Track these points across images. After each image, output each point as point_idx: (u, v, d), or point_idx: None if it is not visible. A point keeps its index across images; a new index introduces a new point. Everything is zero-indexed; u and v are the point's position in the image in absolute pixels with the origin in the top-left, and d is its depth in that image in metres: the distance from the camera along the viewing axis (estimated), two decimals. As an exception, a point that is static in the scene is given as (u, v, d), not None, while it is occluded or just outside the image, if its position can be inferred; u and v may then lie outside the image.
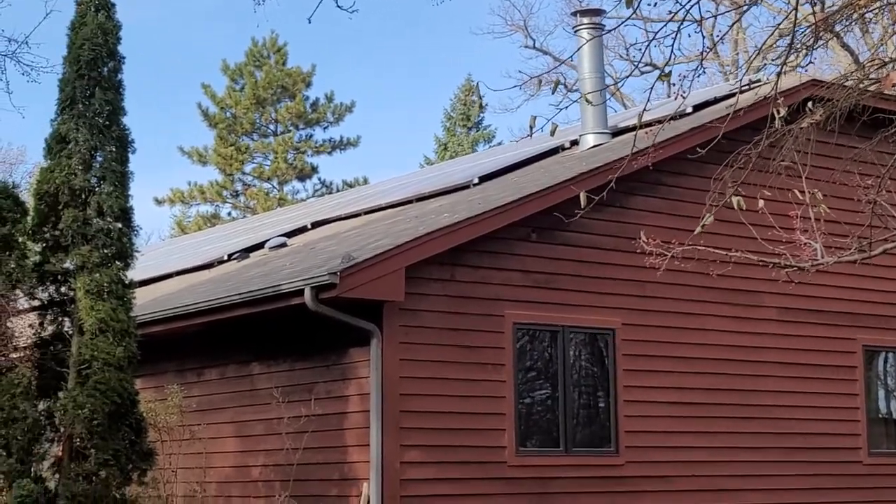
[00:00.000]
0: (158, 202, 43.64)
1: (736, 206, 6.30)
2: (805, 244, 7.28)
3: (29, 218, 10.57)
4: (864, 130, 10.30)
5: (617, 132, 15.54)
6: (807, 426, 13.93)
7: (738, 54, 35.04)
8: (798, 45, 6.34)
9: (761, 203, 6.84)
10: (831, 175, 9.17)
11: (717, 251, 7.97)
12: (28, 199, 11.11)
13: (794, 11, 5.64)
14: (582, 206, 6.56)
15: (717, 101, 14.93)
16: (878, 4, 6.78)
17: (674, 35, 5.71)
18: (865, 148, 8.08)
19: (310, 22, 7.56)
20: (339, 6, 8.20)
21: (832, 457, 14.08)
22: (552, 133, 6.00)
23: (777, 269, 7.51)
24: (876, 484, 14.33)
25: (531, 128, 5.88)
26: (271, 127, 43.58)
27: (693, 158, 9.89)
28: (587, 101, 10.29)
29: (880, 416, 14.78)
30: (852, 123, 9.14)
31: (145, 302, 13.68)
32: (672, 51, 5.61)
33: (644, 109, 6.29)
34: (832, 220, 7.64)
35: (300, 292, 11.11)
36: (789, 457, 13.76)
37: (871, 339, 14.59)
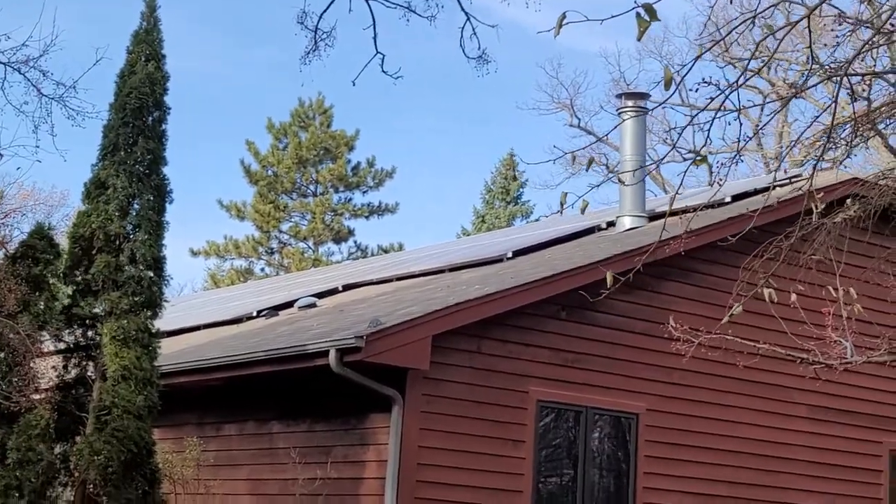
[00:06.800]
0: (194, 253, 43.90)
1: (767, 299, 6.25)
2: (835, 342, 7.20)
3: (62, 260, 10.62)
4: (898, 230, 10.24)
5: (654, 216, 15.50)
6: (828, 527, 13.68)
7: (782, 147, 35.05)
8: (837, 140, 6.32)
9: (794, 297, 6.78)
10: (864, 273, 9.09)
11: (745, 342, 7.88)
12: (63, 241, 11.17)
13: (833, 104, 5.63)
14: (608, 286, 6.54)
15: (756, 192, 14.88)
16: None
17: (710, 121, 5.71)
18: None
19: (354, 84, 7.64)
20: (384, 71, 8.26)
21: (852, 561, 13.80)
22: (582, 211, 6.01)
23: (805, 365, 7.42)
24: (895, 592, 14.02)
25: (562, 204, 5.90)
26: (311, 187, 43.84)
27: (727, 248, 9.89)
28: (620, 181, 10.28)
29: (904, 522, 14.49)
30: (886, 222, 9.07)
31: (171, 352, 13.67)
32: (707, 136, 5.61)
33: (676, 193, 6.27)
34: (863, 320, 7.56)
35: (325, 353, 11.07)
36: (808, 557, 13.50)
37: (900, 444, 14.35)
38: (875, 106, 7.12)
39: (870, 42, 6.21)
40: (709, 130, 5.58)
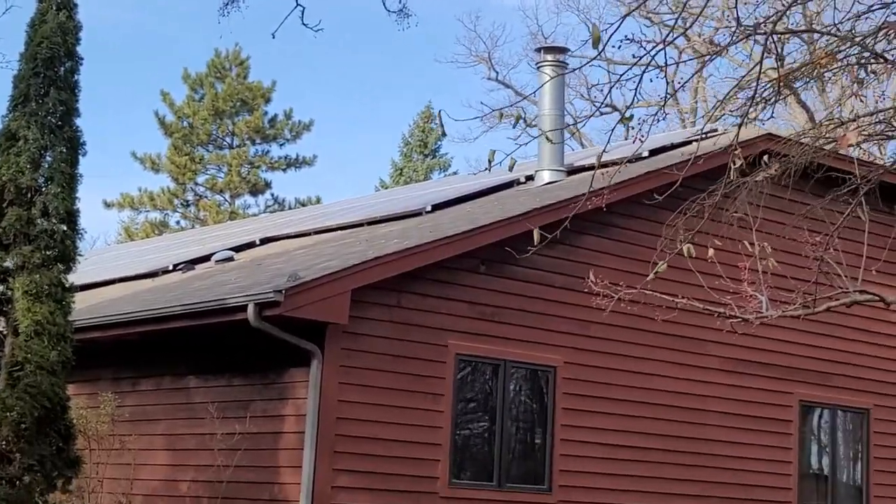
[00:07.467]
0: (107, 206, 43.21)
1: (686, 255, 6.31)
2: (751, 296, 7.31)
3: (-30, 213, 10.38)
4: (816, 188, 10.40)
5: (572, 170, 15.57)
6: (740, 477, 13.96)
7: (696, 102, 35.36)
8: (759, 99, 6.38)
9: (711, 252, 6.86)
10: (781, 229, 9.26)
11: (663, 297, 7.97)
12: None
13: (758, 65, 5.67)
14: (535, 243, 6.53)
15: (673, 147, 15.01)
16: (838, 65, 6.85)
17: (637, 79, 5.72)
18: (817, 206, 8.16)
19: (273, 37, 7.50)
20: (304, 24, 8.15)
21: (763, 509, 14.11)
22: (510, 168, 5.98)
23: (722, 319, 7.53)
24: (804, 539, 14.38)
25: (490, 161, 5.85)
26: (227, 139, 43.35)
27: (647, 203, 9.97)
28: (547, 138, 10.30)
29: (812, 471, 14.86)
30: (806, 180, 9.22)
31: (85, 307, 13.47)
32: (635, 95, 5.61)
33: (604, 151, 6.29)
34: (779, 274, 7.68)
35: (243, 308, 10.99)
36: (721, 507, 13.78)
37: (808, 395, 14.68)
38: (798, 65, 7.19)
39: (794, 1, 6.25)
40: (636, 89, 5.58)
